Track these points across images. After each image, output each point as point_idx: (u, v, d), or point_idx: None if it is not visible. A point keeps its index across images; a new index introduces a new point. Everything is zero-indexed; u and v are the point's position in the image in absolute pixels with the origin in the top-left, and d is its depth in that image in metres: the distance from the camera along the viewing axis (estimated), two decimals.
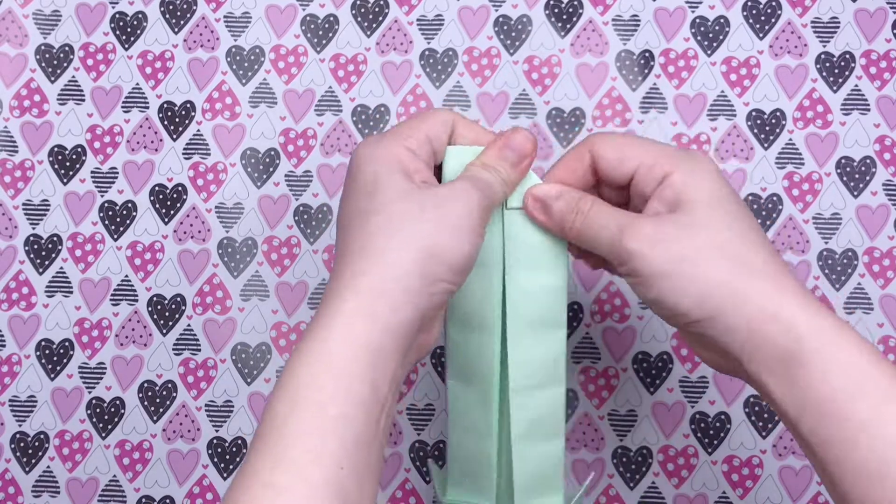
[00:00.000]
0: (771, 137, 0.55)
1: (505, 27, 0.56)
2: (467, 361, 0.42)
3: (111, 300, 0.56)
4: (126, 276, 0.56)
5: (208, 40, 0.58)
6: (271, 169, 0.56)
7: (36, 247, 0.57)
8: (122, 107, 0.57)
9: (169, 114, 0.57)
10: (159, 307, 0.56)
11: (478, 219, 0.37)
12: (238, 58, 0.57)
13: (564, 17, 0.56)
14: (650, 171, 0.38)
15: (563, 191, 0.40)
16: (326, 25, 0.57)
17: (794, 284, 0.35)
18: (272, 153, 0.57)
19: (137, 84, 0.58)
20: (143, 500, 0.55)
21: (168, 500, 0.55)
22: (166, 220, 0.56)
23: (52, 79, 0.58)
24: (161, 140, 0.57)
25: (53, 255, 0.57)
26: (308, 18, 0.57)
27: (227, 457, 0.55)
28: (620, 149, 0.39)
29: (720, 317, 0.35)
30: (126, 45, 0.58)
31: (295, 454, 0.32)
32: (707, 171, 0.37)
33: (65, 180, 0.57)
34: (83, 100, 0.58)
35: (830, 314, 0.34)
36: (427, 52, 0.57)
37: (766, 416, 0.53)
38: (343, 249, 0.37)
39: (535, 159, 0.40)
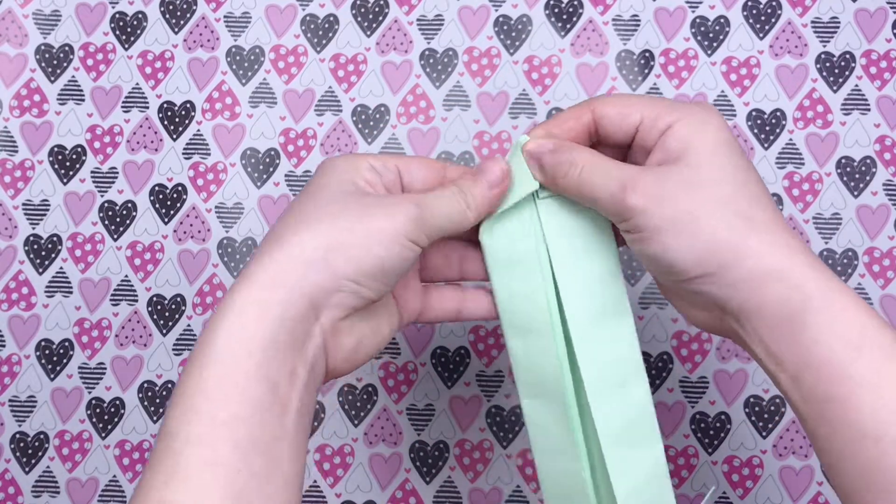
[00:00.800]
0: (771, 137, 0.55)
1: (505, 27, 0.56)
2: (533, 372, 0.38)
3: (111, 300, 0.56)
4: (126, 276, 0.56)
5: (208, 40, 0.58)
6: (271, 169, 0.56)
7: (36, 247, 0.57)
8: (122, 107, 0.57)
9: (169, 114, 0.57)
10: (159, 307, 0.56)
11: (402, 229, 0.35)
12: (238, 58, 0.57)
13: (564, 17, 0.56)
14: (654, 124, 0.37)
15: (556, 143, 0.38)
16: (326, 25, 0.57)
17: (797, 241, 0.35)
18: (272, 153, 0.57)
19: (137, 84, 0.58)
20: None
21: None
22: (166, 220, 0.56)
23: (52, 79, 0.58)
24: (161, 140, 0.57)
25: (53, 255, 0.57)
26: (308, 18, 0.57)
27: None
28: (622, 105, 0.38)
29: (722, 272, 0.34)
30: (126, 45, 0.58)
31: (188, 464, 0.31)
32: (712, 121, 0.36)
33: (65, 180, 0.57)
34: (83, 100, 0.58)
35: (834, 274, 0.34)
36: (427, 52, 0.57)
37: (766, 416, 0.53)
38: (266, 238, 0.36)
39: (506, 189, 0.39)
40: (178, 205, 0.57)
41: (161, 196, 0.57)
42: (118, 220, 0.57)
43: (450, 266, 0.42)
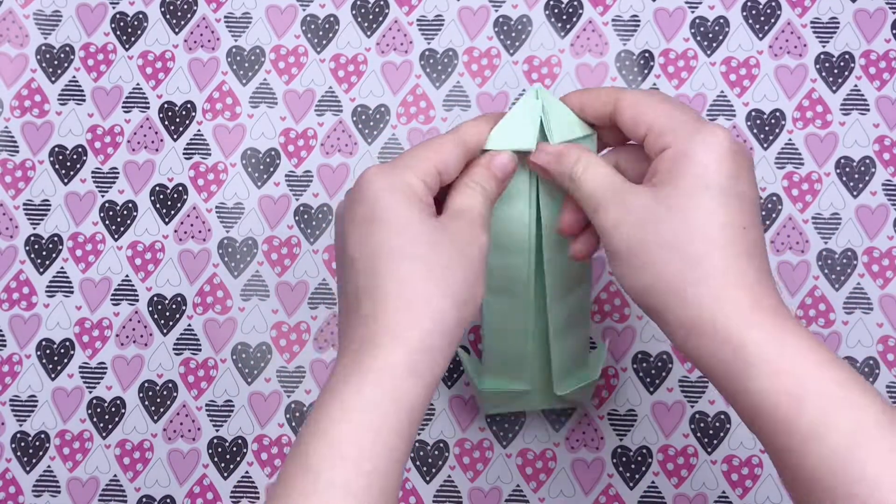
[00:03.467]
0: (770, 137, 0.55)
1: (505, 27, 0.57)
2: (503, 280, 0.44)
3: (112, 300, 0.56)
4: (126, 275, 0.56)
5: (209, 40, 0.58)
6: (271, 169, 0.57)
7: (36, 247, 0.57)
8: (123, 107, 0.58)
9: (169, 114, 0.57)
10: (160, 307, 0.56)
11: (485, 258, 0.38)
12: (238, 58, 0.57)
13: (564, 17, 0.57)
14: (656, 140, 0.37)
15: (562, 153, 0.40)
16: (326, 26, 0.57)
17: (742, 291, 0.34)
18: (272, 153, 0.57)
19: (138, 84, 0.58)
20: (144, 499, 0.55)
21: (168, 500, 0.55)
22: (167, 220, 0.57)
23: (53, 79, 0.58)
24: (161, 140, 0.57)
25: (54, 255, 0.57)
26: (308, 19, 0.58)
27: (228, 457, 0.55)
28: (637, 109, 0.38)
29: (661, 313, 0.35)
30: (126, 46, 0.58)
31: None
32: (707, 151, 0.35)
33: (65, 180, 0.57)
34: (84, 100, 0.58)
35: (772, 321, 0.33)
36: (427, 53, 0.57)
37: None
38: (376, 288, 0.35)
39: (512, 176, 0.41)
40: (179, 205, 0.57)
41: (162, 196, 0.57)
42: (119, 220, 0.57)
43: None
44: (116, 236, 0.57)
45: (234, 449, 0.55)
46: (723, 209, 0.34)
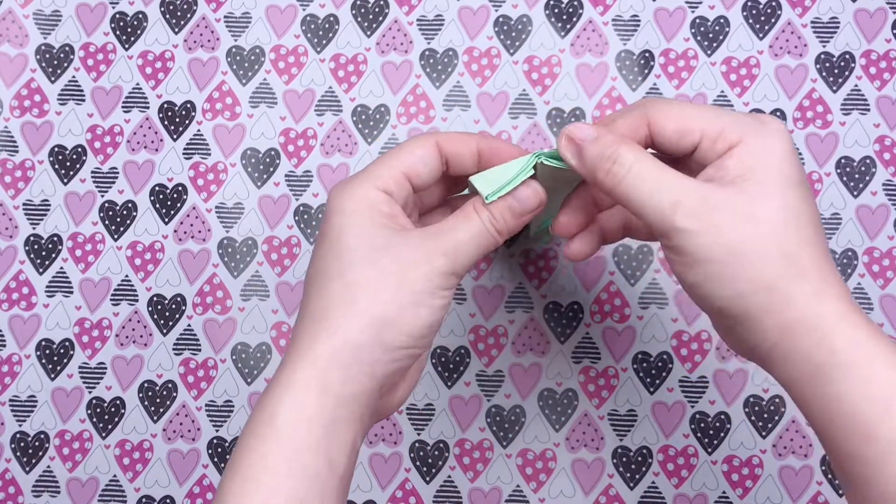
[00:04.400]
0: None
1: (505, 27, 0.57)
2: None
3: (111, 300, 0.56)
4: (126, 276, 0.56)
5: (208, 40, 0.58)
6: (271, 169, 0.57)
7: (36, 247, 0.57)
8: (123, 107, 0.57)
9: (169, 114, 0.57)
10: (159, 307, 0.56)
11: (438, 284, 0.35)
12: (238, 58, 0.57)
13: (564, 17, 0.56)
14: (714, 144, 0.34)
15: (601, 133, 0.36)
16: (326, 25, 0.57)
17: (836, 288, 0.33)
18: (272, 153, 0.57)
19: (137, 84, 0.58)
20: (144, 500, 0.55)
21: (168, 500, 0.55)
22: (166, 220, 0.57)
23: (53, 79, 0.58)
24: (161, 140, 0.57)
25: (54, 255, 0.57)
26: (308, 18, 0.58)
27: (228, 457, 0.55)
28: (681, 120, 0.35)
29: (755, 317, 0.33)
30: (126, 46, 0.58)
31: None
32: (778, 147, 0.34)
33: (65, 180, 0.57)
34: (83, 100, 0.58)
35: (867, 324, 0.32)
36: (427, 52, 0.57)
37: (765, 416, 0.53)
38: (303, 312, 0.36)
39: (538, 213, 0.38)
40: (179, 205, 0.57)
41: (161, 196, 0.57)
42: (118, 220, 0.57)
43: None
44: (116, 236, 0.57)
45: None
46: (806, 204, 0.34)
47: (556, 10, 0.57)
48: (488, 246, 0.37)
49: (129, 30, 0.58)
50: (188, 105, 0.57)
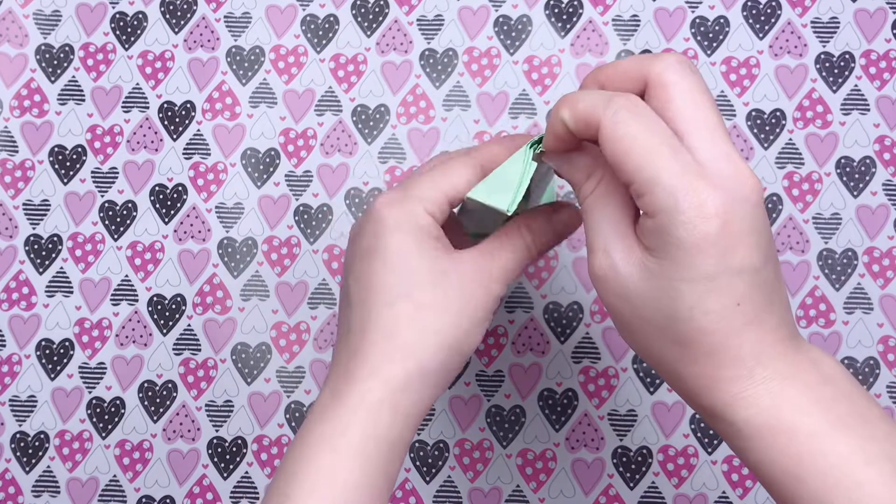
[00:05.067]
0: (771, 137, 0.55)
1: (505, 27, 0.57)
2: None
3: (111, 300, 0.56)
4: (126, 276, 0.56)
5: (208, 40, 0.58)
6: (271, 169, 0.57)
7: (36, 247, 0.57)
8: (123, 107, 0.57)
9: (169, 114, 0.57)
10: (159, 307, 0.56)
11: (492, 309, 0.37)
12: (238, 58, 0.57)
13: (564, 17, 0.56)
14: (639, 198, 0.32)
15: (573, 159, 0.34)
16: (326, 25, 0.57)
17: (731, 370, 0.31)
18: (272, 153, 0.57)
19: (137, 84, 0.58)
20: (143, 500, 0.55)
21: (168, 500, 0.55)
22: (166, 220, 0.57)
23: (53, 79, 0.58)
24: (161, 140, 0.57)
25: (54, 255, 0.57)
26: (308, 18, 0.58)
27: (227, 457, 0.55)
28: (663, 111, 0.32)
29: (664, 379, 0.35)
30: (126, 45, 0.58)
31: None
32: (693, 231, 0.30)
33: (65, 180, 0.57)
34: (83, 100, 0.58)
35: (764, 392, 0.31)
36: (427, 52, 0.57)
37: None
38: (367, 325, 0.36)
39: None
40: (179, 205, 0.57)
41: (161, 196, 0.57)
42: (118, 220, 0.57)
43: None
44: (116, 236, 0.57)
45: (234, 449, 0.55)
46: (707, 294, 0.31)
47: (556, 10, 0.57)
48: (527, 261, 0.38)
49: (129, 30, 0.58)
50: (188, 105, 0.57)
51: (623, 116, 0.31)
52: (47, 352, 0.56)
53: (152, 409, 0.55)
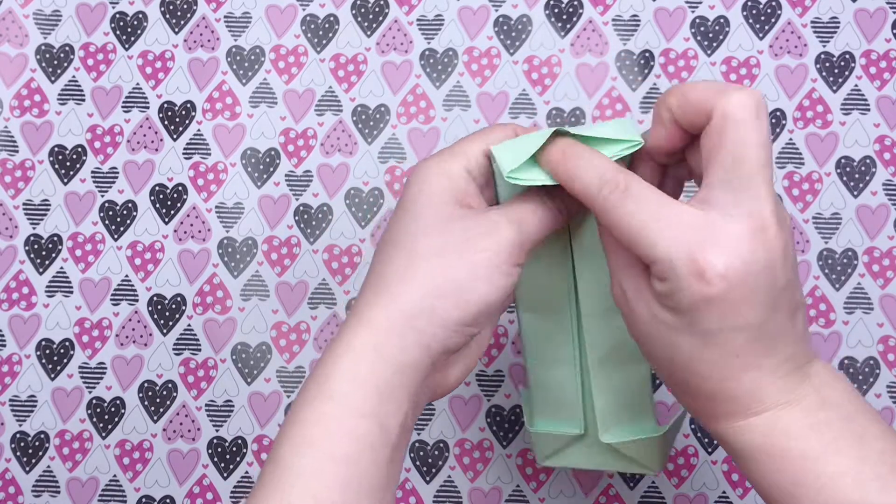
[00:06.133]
0: (771, 137, 0.55)
1: (505, 27, 0.57)
2: (537, 294, 0.41)
3: (111, 300, 0.56)
4: (126, 275, 0.56)
5: (208, 40, 0.58)
6: (271, 169, 0.57)
7: (36, 247, 0.57)
8: (123, 107, 0.57)
9: (169, 114, 0.57)
10: (159, 307, 0.56)
11: (505, 256, 0.34)
12: (238, 58, 0.57)
13: (564, 17, 0.56)
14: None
15: (586, 191, 0.34)
16: (326, 25, 0.57)
17: (729, 408, 0.33)
18: (272, 153, 0.57)
19: (138, 84, 0.58)
20: (143, 499, 0.55)
21: (168, 500, 0.55)
22: (166, 219, 0.57)
23: (53, 79, 0.58)
24: (161, 140, 0.57)
25: (54, 255, 0.57)
26: (308, 18, 0.58)
27: (228, 457, 0.55)
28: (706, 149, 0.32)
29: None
30: (126, 45, 0.58)
31: (296, 498, 0.31)
32: (691, 290, 0.31)
33: (65, 180, 0.57)
34: (83, 100, 0.58)
35: (761, 424, 0.33)
36: (427, 52, 0.57)
37: None
38: (367, 280, 0.36)
39: None
40: (179, 205, 0.57)
41: (161, 196, 0.57)
42: (118, 219, 0.57)
43: None
44: (116, 236, 0.57)
45: (234, 449, 0.55)
46: (705, 348, 0.32)
47: (556, 10, 0.57)
48: (552, 222, 0.36)
49: (129, 30, 0.58)
50: (188, 105, 0.57)
51: (611, 201, 0.33)
52: (47, 352, 0.56)
53: (152, 409, 0.55)
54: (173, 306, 0.56)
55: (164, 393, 0.55)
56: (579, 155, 0.34)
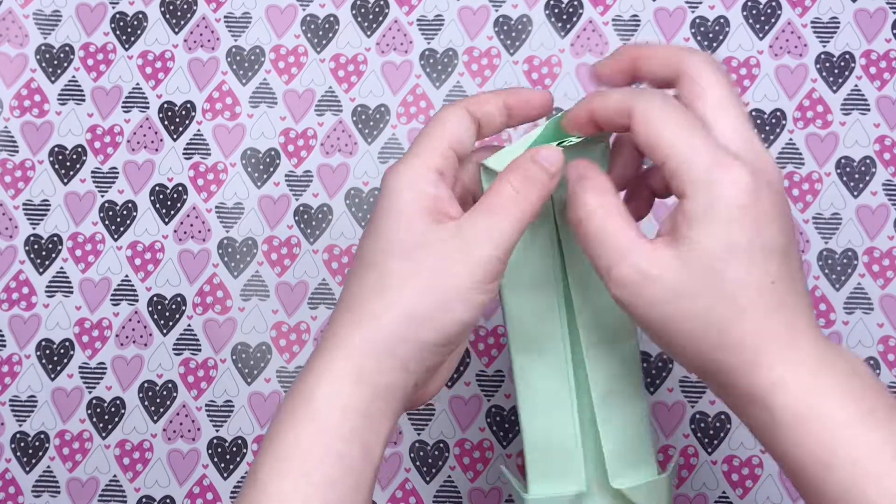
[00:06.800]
0: (771, 137, 0.55)
1: (505, 27, 0.57)
2: (531, 329, 0.38)
3: (111, 300, 0.56)
4: (126, 276, 0.56)
5: (208, 40, 0.58)
6: (271, 169, 0.57)
7: (36, 247, 0.57)
8: (123, 107, 0.57)
9: (169, 114, 0.57)
10: (159, 307, 0.56)
11: (482, 277, 0.34)
12: (238, 58, 0.57)
13: (564, 17, 0.56)
14: (671, 179, 0.33)
15: (582, 173, 0.35)
16: (326, 25, 0.57)
17: (771, 356, 0.32)
18: (272, 153, 0.57)
19: (138, 84, 0.58)
20: (144, 500, 0.55)
21: (168, 500, 0.55)
22: (166, 220, 0.57)
23: (53, 79, 0.58)
24: (161, 140, 0.57)
25: (54, 255, 0.57)
26: (308, 18, 0.58)
27: (228, 457, 0.55)
28: (650, 131, 0.33)
29: (706, 377, 0.34)
30: (126, 45, 0.58)
31: None
32: (728, 204, 0.31)
33: (65, 180, 0.57)
34: (83, 100, 0.58)
35: (803, 373, 0.31)
36: (427, 52, 0.57)
37: None
38: (341, 299, 0.36)
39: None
40: (179, 205, 0.57)
41: (161, 196, 0.57)
42: (118, 220, 0.57)
43: None
44: (116, 236, 0.57)
45: (234, 449, 0.55)
46: (746, 269, 0.32)
47: (556, 10, 0.57)
48: (528, 216, 0.35)
49: (129, 30, 0.58)
50: (188, 105, 0.57)
51: (657, 102, 0.33)
52: (47, 352, 0.56)
53: (152, 409, 0.55)
54: (173, 306, 0.56)
55: (164, 393, 0.55)
56: (599, 93, 0.35)
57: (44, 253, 0.57)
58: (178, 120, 0.57)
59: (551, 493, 0.38)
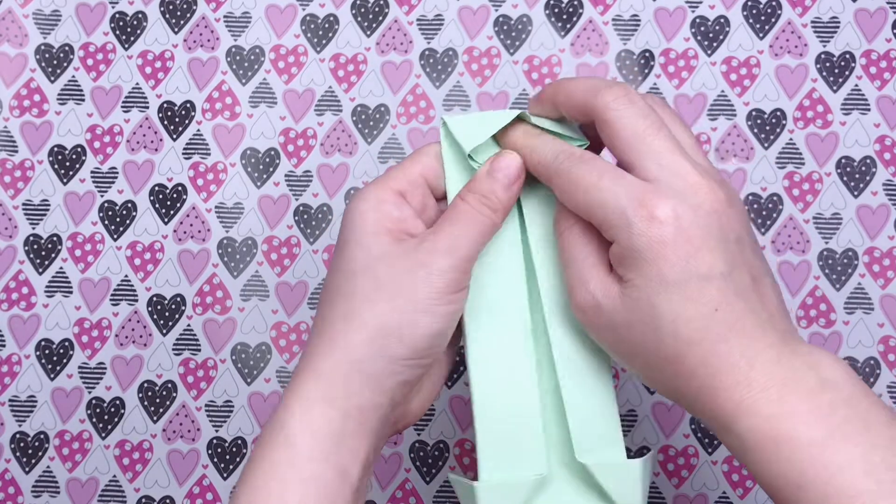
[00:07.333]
0: (771, 137, 0.55)
1: (505, 27, 0.57)
2: (488, 293, 0.37)
3: (111, 300, 0.56)
4: (126, 276, 0.56)
5: (208, 40, 0.58)
6: (271, 169, 0.56)
7: (36, 247, 0.57)
8: (122, 107, 0.57)
9: (169, 114, 0.57)
10: (159, 307, 0.56)
11: (444, 288, 0.34)
12: (238, 58, 0.57)
13: (564, 17, 0.56)
14: (600, 226, 0.34)
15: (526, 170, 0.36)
16: (326, 25, 0.57)
17: (729, 379, 0.31)
18: (272, 153, 0.57)
19: (137, 84, 0.58)
20: (143, 500, 0.55)
21: (168, 500, 0.55)
22: (166, 220, 0.57)
23: (52, 79, 0.58)
24: (161, 140, 0.57)
25: (53, 255, 0.57)
26: (308, 18, 0.58)
27: (227, 457, 0.55)
28: (607, 138, 0.34)
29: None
30: (126, 45, 0.58)
31: None
32: (653, 243, 0.31)
33: (65, 180, 0.57)
34: (83, 100, 0.58)
35: (761, 401, 0.31)
36: (427, 52, 0.57)
37: None
38: (316, 317, 0.36)
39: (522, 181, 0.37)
40: (178, 205, 0.57)
41: (161, 196, 0.57)
42: (118, 219, 0.57)
43: None
44: (116, 236, 0.57)
45: (234, 449, 0.55)
46: (681, 302, 0.31)
47: (556, 10, 0.56)
48: (488, 229, 0.35)
49: (128, 30, 0.58)
50: (188, 105, 0.57)
51: (565, 165, 0.34)
52: (47, 352, 0.56)
53: (152, 409, 0.55)
54: (173, 306, 0.56)
55: (164, 393, 0.55)
56: (539, 134, 0.37)
57: (43, 253, 0.57)
58: (177, 120, 0.57)
59: (507, 479, 0.35)
